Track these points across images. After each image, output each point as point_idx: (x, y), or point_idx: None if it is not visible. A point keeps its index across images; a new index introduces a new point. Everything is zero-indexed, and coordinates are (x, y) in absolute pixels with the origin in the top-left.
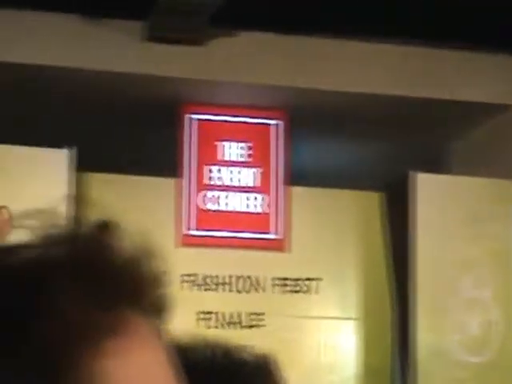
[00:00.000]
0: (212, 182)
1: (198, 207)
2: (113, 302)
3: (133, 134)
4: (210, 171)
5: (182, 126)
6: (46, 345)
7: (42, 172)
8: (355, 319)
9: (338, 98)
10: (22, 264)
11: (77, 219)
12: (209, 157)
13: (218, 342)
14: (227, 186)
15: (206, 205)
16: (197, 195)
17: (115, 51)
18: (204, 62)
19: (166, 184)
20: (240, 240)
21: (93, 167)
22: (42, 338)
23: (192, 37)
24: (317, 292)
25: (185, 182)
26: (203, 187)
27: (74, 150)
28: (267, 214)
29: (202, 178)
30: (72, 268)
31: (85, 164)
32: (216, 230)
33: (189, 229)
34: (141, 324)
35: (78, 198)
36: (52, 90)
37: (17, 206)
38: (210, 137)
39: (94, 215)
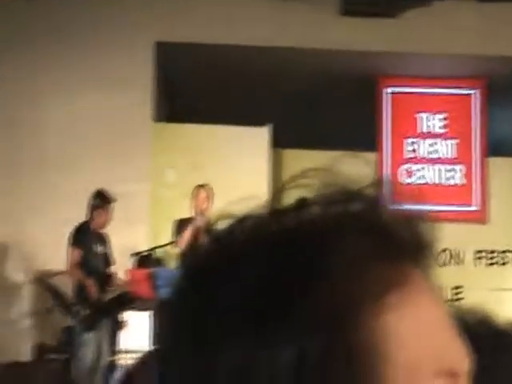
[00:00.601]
0: (411, 155)
1: (398, 181)
2: (397, 256)
3: (329, 109)
4: (409, 144)
5: (379, 100)
6: (332, 297)
7: (245, 149)
8: None
9: None
10: (304, 221)
11: (348, 179)
12: (407, 129)
13: (470, 308)
14: (426, 159)
15: (405, 178)
16: (397, 169)
17: (311, 27)
18: (399, 35)
19: (365, 159)
20: (440, 213)
21: (290, 144)
22: (329, 290)
23: (385, 9)
24: None
25: (384, 156)
26: (402, 161)
27: (271, 128)
28: (467, 185)
29: (402, 152)
30: (356, 223)
31: (282, 141)
32: (417, 203)
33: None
34: (422, 280)
35: (278, 175)
36: (250, 68)
37: (221, 182)
38: (408, 109)
39: (295, 192)
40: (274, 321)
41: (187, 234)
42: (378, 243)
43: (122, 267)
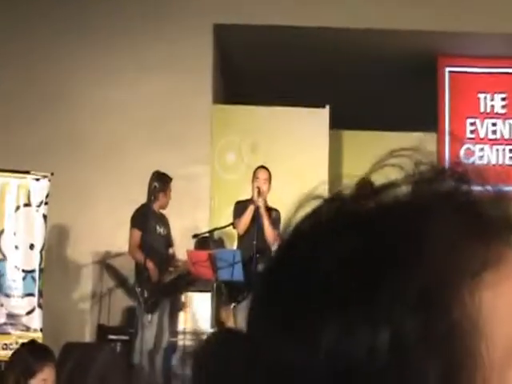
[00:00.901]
0: (473, 136)
1: (460, 162)
2: (489, 234)
3: (389, 89)
4: (470, 124)
5: (438, 80)
6: (428, 275)
7: (305, 131)
8: None
9: None
10: (396, 200)
11: (439, 157)
12: (467, 110)
13: None
14: (487, 139)
15: (467, 159)
16: (458, 149)
17: (369, 8)
18: (458, 14)
19: (424, 139)
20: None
21: (349, 125)
22: (425, 267)
23: None
24: None
25: (445, 136)
26: (464, 141)
27: (331, 108)
28: None
29: (462, 132)
30: (448, 201)
31: (342, 122)
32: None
33: None
34: None
35: (337, 156)
36: (308, 49)
37: (281, 164)
38: (468, 89)
39: (354, 173)
40: (369, 299)
41: (246, 216)
42: (471, 221)
43: (182, 249)
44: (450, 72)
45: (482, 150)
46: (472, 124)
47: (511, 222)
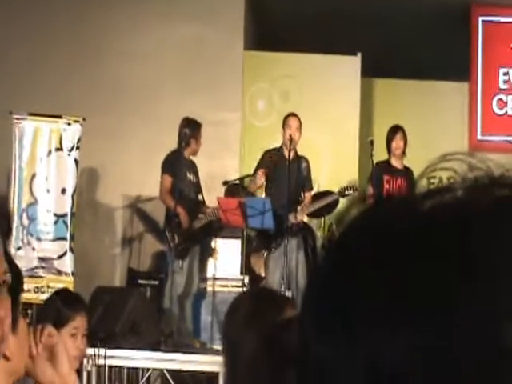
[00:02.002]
0: (506, 86)
1: (491, 112)
2: None
3: (421, 37)
4: (504, 74)
5: (472, 29)
6: (481, 288)
7: (336, 78)
8: None
9: None
10: (451, 206)
11: (492, 163)
12: (500, 59)
13: None
14: None
15: (499, 109)
16: (489, 99)
17: None
18: None
19: (456, 88)
20: None
21: (381, 73)
22: (477, 280)
23: None
24: None
25: (477, 85)
26: (496, 91)
27: (363, 56)
28: None
29: (495, 82)
30: (497, 211)
31: (373, 70)
32: (511, 135)
33: (482, 134)
34: None
35: (368, 105)
36: None
37: (312, 111)
38: (501, 39)
39: (381, 121)
40: (430, 313)
41: (258, 181)
42: None
43: (212, 195)
44: (483, 21)
45: None
46: (505, 74)
47: None
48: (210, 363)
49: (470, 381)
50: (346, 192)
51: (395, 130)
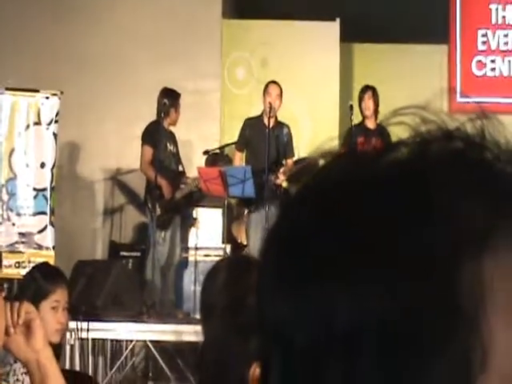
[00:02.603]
0: (485, 47)
1: (470, 73)
2: (496, 198)
3: (400, 1)
4: (483, 35)
5: None
6: (435, 237)
7: (315, 44)
8: None
9: None
10: (403, 160)
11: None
12: (479, 21)
13: None
14: (498, 51)
15: (478, 71)
16: (469, 61)
17: None
18: None
19: (435, 51)
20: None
21: (359, 38)
22: (428, 229)
23: None
24: None
25: (456, 47)
26: (475, 52)
27: (340, 22)
28: None
29: (474, 43)
30: (458, 161)
31: (352, 35)
32: (490, 96)
33: (461, 96)
34: None
35: (348, 70)
36: None
37: (292, 78)
38: (480, 0)
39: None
40: (375, 265)
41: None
42: (482, 181)
43: (192, 165)
44: None
45: (493, 61)
46: (483, 35)
47: None
48: (194, 333)
49: (426, 337)
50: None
51: (364, 90)
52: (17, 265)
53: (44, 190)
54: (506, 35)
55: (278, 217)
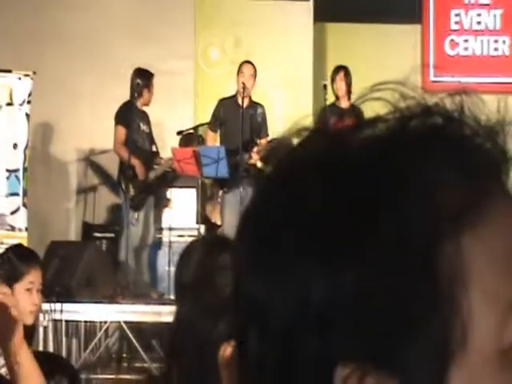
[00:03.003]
0: (458, 27)
1: (443, 53)
2: (477, 171)
3: None
4: (456, 15)
5: None
6: (408, 215)
7: (289, 24)
8: None
9: None
10: (378, 137)
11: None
12: (452, 0)
13: None
14: (473, 30)
15: (451, 50)
16: (442, 40)
17: None
18: None
19: (409, 30)
20: (488, 85)
21: (333, 17)
22: (404, 207)
23: None
24: None
25: (429, 27)
26: (448, 32)
27: (313, 1)
28: None
29: (447, 23)
30: (435, 137)
31: (326, 14)
32: (463, 75)
33: (435, 75)
34: (501, 197)
35: (321, 49)
36: None
37: (265, 58)
38: None
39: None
40: (346, 243)
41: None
42: (457, 157)
43: (166, 145)
44: None
45: (466, 41)
46: (456, 15)
47: (506, 157)
48: (168, 313)
49: (403, 314)
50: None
51: (336, 70)
52: None
53: (16, 170)
54: (479, 15)
55: (253, 197)
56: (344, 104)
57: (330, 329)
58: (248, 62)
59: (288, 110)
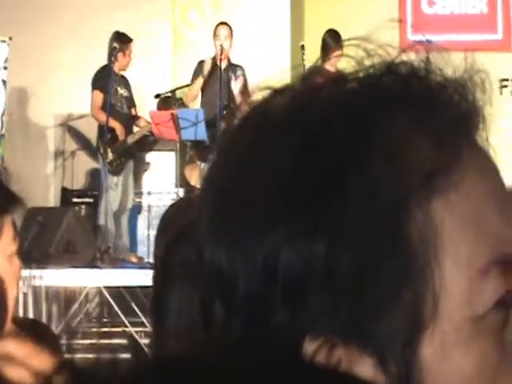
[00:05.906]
0: None
1: (421, 11)
2: (443, 135)
3: None
4: None
5: None
6: (377, 180)
7: None
8: None
9: None
10: (341, 96)
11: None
12: None
13: None
14: None
15: (429, 8)
16: None
17: None
18: None
19: None
20: (465, 43)
21: None
22: (372, 172)
23: None
24: None
25: None
26: None
27: None
28: (490, 14)
29: None
30: (398, 96)
31: None
32: (441, 33)
33: (412, 34)
34: (474, 155)
35: (299, 14)
36: None
37: (243, 21)
38: None
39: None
40: (314, 209)
41: (195, 88)
42: (426, 118)
43: (144, 109)
44: None
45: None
46: None
47: (475, 108)
48: (148, 277)
49: (374, 284)
50: None
51: (338, 38)
52: None
53: None
54: None
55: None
56: (331, 67)
57: (297, 300)
58: (223, 23)
59: (266, 71)
